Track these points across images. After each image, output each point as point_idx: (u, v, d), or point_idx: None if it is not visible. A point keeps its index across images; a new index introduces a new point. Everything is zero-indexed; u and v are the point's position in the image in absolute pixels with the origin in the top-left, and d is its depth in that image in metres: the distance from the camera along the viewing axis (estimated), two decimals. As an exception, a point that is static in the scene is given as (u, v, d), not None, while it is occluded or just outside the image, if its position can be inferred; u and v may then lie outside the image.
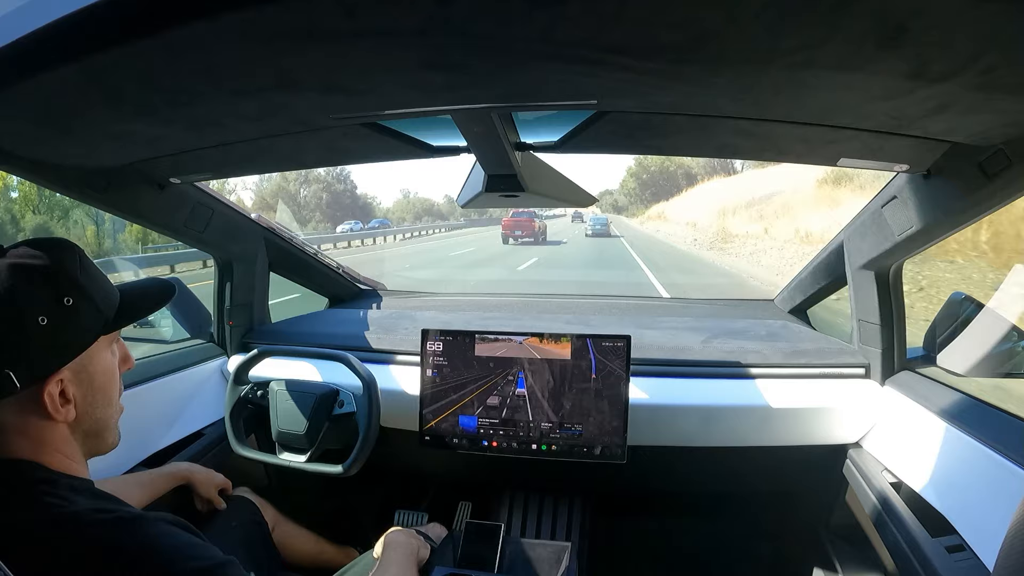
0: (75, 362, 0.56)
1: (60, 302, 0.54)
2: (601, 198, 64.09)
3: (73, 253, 0.57)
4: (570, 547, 1.01)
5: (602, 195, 64.83)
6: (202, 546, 0.57)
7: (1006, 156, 0.70)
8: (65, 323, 0.54)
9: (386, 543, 0.95)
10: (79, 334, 0.56)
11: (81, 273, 0.57)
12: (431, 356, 1.13)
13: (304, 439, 1.13)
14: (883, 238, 1.00)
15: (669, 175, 47.02)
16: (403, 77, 0.54)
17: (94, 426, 0.60)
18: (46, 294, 0.53)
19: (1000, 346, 0.97)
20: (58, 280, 0.54)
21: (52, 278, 0.54)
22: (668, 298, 1.86)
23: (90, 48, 0.42)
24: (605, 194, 65.95)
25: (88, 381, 0.58)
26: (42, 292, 0.53)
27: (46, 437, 0.56)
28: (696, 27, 0.42)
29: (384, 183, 54.66)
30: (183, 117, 0.65)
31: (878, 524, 0.96)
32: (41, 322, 0.52)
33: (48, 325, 0.53)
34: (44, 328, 0.52)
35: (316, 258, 1.65)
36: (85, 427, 0.59)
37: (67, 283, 0.55)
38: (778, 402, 1.09)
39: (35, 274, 0.53)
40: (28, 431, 0.55)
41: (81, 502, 0.53)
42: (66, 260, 0.56)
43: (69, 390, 0.56)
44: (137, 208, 1.05)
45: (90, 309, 0.57)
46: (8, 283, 0.51)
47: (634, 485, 1.37)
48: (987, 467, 0.80)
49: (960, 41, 0.43)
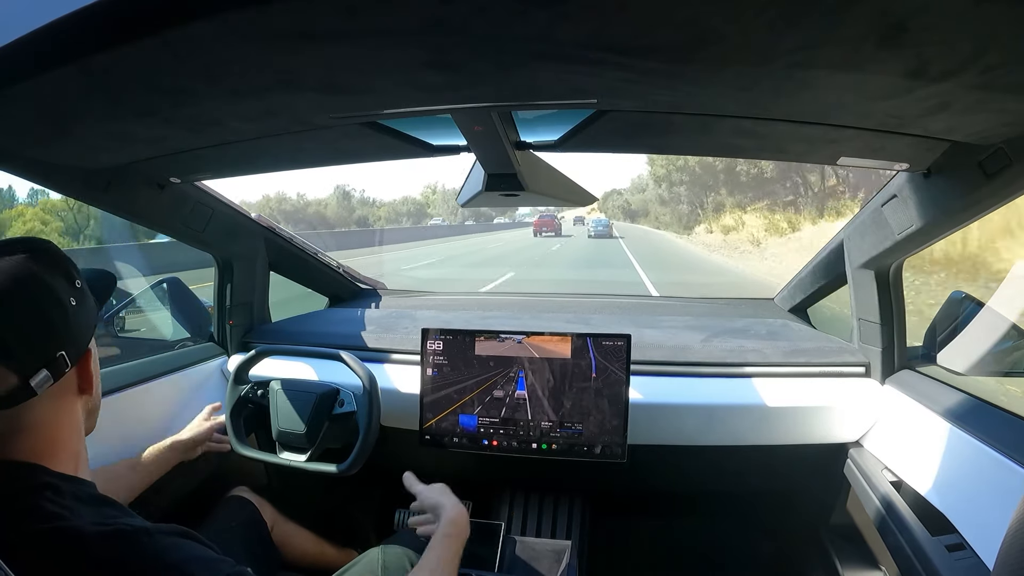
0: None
1: (74, 284, 0.58)
2: (606, 200, 57.62)
3: (47, 243, 0.60)
4: (570, 546, 1.01)
5: (608, 196, 58.11)
6: (210, 559, 0.56)
7: (1006, 155, 0.70)
8: (85, 302, 0.59)
9: (452, 519, 0.88)
10: (93, 312, 0.61)
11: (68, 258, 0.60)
12: (431, 355, 1.13)
13: (304, 438, 1.13)
14: (883, 237, 1.00)
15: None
16: (403, 77, 0.54)
17: (94, 404, 0.63)
18: (66, 278, 0.57)
19: (999, 345, 0.97)
20: (66, 266, 0.58)
21: (63, 264, 0.57)
22: (668, 297, 1.86)
23: (90, 48, 0.42)
24: (612, 194, 58.80)
25: (92, 358, 0.61)
26: (63, 277, 0.57)
27: (62, 423, 0.57)
28: (696, 27, 0.42)
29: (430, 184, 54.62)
30: (183, 117, 0.65)
31: (878, 523, 0.96)
32: (72, 303, 0.56)
33: (77, 305, 0.57)
34: (75, 308, 0.56)
35: (316, 258, 1.65)
36: (90, 405, 0.63)
37: (72, 268, 0.59)
38: (778, 401, 1.09)
39: (51, 261, 0.56)
40: (48, 420, 0.56)
41: (84, 512, 0.53)
42: (58, 250, 0.59)
43: (89, 366, 0.60)
44: (137, 208, 1.05)
45: (89, 291, 0.61)
46: (37, 272, 0.54)
47: (634, 484, 1.37)
48: (987, 466, 0.80)
49: (960, 41, 0.43)
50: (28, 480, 0.53)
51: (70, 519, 0.51)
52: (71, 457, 0.58)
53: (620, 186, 65.47)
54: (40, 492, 0.52)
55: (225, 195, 1.23)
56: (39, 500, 0.52)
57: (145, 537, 0.53)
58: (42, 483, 0.53)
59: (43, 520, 0.51)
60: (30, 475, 0.53)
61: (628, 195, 54.38)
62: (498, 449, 1.11)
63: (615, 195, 59.24)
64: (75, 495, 0.54)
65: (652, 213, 37.94)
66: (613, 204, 56.64)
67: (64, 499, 0.53)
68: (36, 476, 0.54)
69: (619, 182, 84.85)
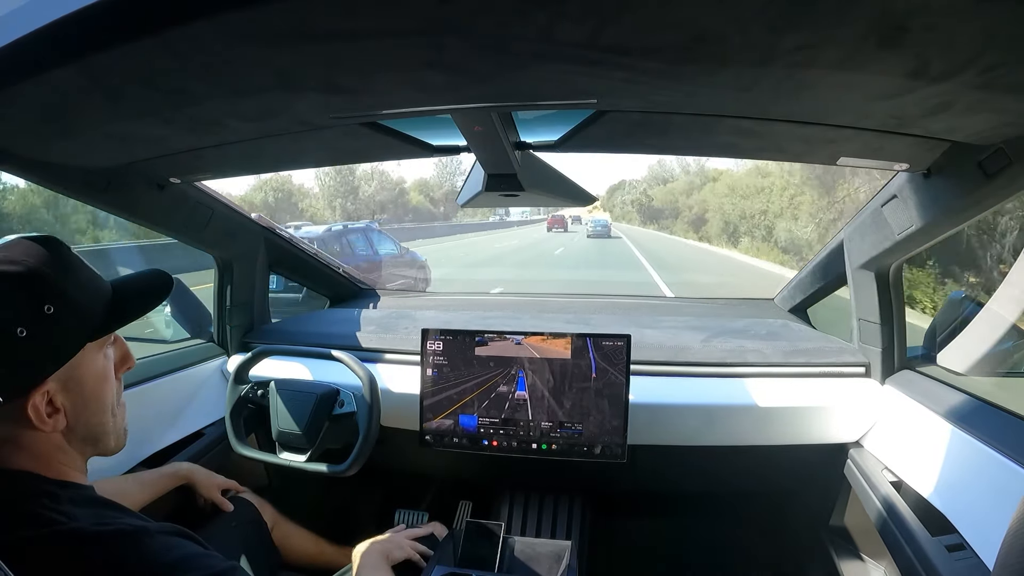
0: (62, 371, 0.53)
1: (40, 311, 0.50)
2: (613, 195, 47.03)
3: (56, 254, 0.54)
4: (570, 546, 1.01)
5: (615, 190, 45.05)
6: (204, 556, 0.56)
7: (1006, 155, 0.70)
8: (47, 332, 0.51)
9: (353, 558, 0.98)
10: (63, 343, 0.53)
11: (64, 277, 0.53)
12: (431, 356, 1.13)
13: (304, 438, 1.13)
14: (883, 237, 1.00)
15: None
16: (403, 77, 0.54)
17: (90, 432, 0.58)
18: (25, 303, 0.50)
19: (999, 345, 0.97)
20: (37, 287, 0.51)
21: (30, 285, 0.51)
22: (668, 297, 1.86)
23: (90, 48, 0.42)
24: (620, 188, 45.02)
25: (78, 388, 0.55)
26: (20, 301, 0.50)
27: (40, 448, 0.55)
28: (696, 27, 0.42)
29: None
30: (183, 117, 0.65)
31: (878, 523, 0.96)
32: (20, 334, 0.49)
33: (28, 337, 0.49)
34: (24, 340, 0.49)
35: (316, 258, 1.65)
36: (81, 434, 0.57)
37: (47, 290, 0.51)
38: (778, 401, 1.09)
39: (12, 282, 0.50)
40: (21, 441, 0.54)
41: (82, 516, 0.53)
42: (47, 264, 0.52)
43: (57, 400, 0.53)
44: (137, 208, 1.05)
45: (73, 316, 0.53)
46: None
47: (634, 485, 1.37)
48: (987, 466, 0.80)
49: (960, 41, 0.43)
50: (24, 488, 0.53)
51: (67, 523, 0.51)
52: (64, 469, 0.57)
53: (633, 176, 48.61)
54: (37, 499, 0.52)
55: (222, 193, 1.23)
56: (36, 507, 0.52)
57: (146, 537, 0.53)
58: (39, 490, 0.53)
59: (41, 525, 0.50)
60: (26, 483, 0.53)
61: (646, 186, 39.22)
62: (498, 449, 1.11)
63: (625, 189, 43.88)
64: (72, 499, 0.54)
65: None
66: (622, 200, 42.48)
67: (61, 504, 0.53)
68: (32, 484, 0.53)
69: (631, 171, 70.31)
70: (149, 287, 0.65)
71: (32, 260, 0.51)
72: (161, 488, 1.02)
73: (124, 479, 1.00)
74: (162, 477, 1.04)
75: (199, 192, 1.16)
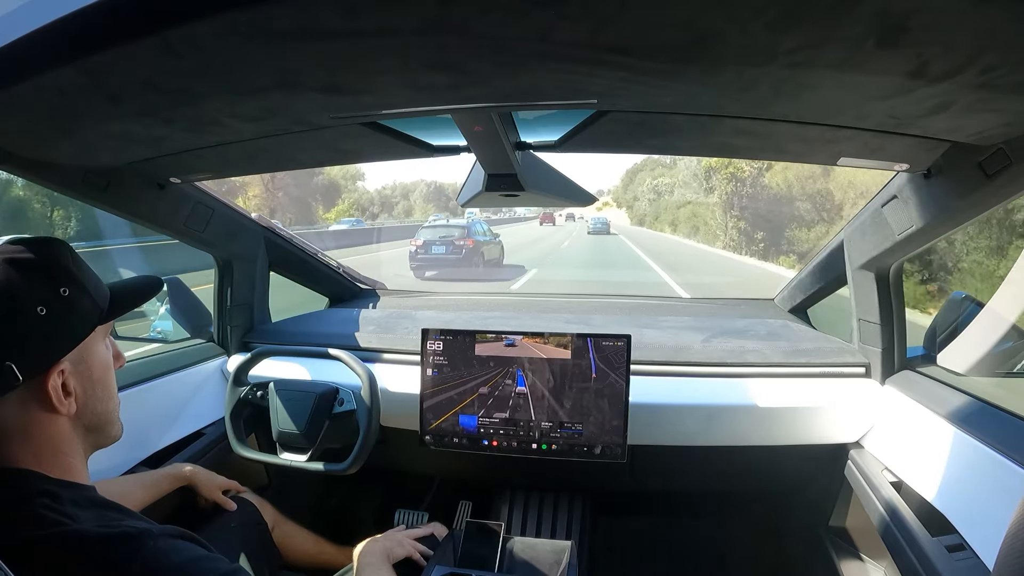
0: (73, 354, 0.57)
1: (57, 292, 0.55)
2: (632, 180, 43.91)
3: (64, 248, 0.58)
4: (570, 546, 1.01)
5: (634, 174, 41.81)
6: (209, 558, 0.56)
7: (1006, 155, 0.70)
8: (64, 313, 0.55)
9: (354, 557, 0.98)
10: (78, 324, 0.57)
11: (75, 265, 0.58)
12: (431, 356, 1.13)
13: (304, 438, 1.13)
14: (883, 237, 1.00)
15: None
16: (403, 77, 0.54)
17: (95, 420, 0.60)
18: (43, 285, 0.54)
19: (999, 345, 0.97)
20: (54, 271, 0.55)
21: (48, 269, 0.55)
22: (668, 297, 1.86)
23: (90, 48, 0.42)
24: (639, 174, 40.73)
25: (87, 373, 0.58)
26: (39, 283, 0.54)
27: (48, 434, 0.56)
28: (696, 27, 0.42)
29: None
30: (183, 117, 0.65)
31: (878, 523, 0.96)
32: (40, 312, 0.53)
33: (47, 315, 0.53)
34: (43, 318, 0.53)
35: (316, 258, 1.65)
36: (86, 421, 0.59)
37: (62, 274, 0.56)
38: (778, 401, 1.09)
39: (32, 265, 0.54)
40: (30, 429, 0.55)
41: (84, 517, 0.53)
42: (60, 253, 0.57)
43: (70, 383, 0.56)
44: (137, 208, 1.05)
45: (86, 299, 0.58)
46: (4, 276, 0.52)
47: (634, 485, 1.37)
48: (987, 466, 0.80)
49: (960, 41, 0.43)
50: (25, 487, 0.53)
51: (71, 524, 0.51)
52: (68, 465, 0.57)
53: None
54: (38, 499, 0.52)
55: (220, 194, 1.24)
56: (37, 508, 0.51)
57: (150, 540, 0.53)
58: (39, 490, 0.53)
59: (44, 526, 0.50)
60: (26, 482, 0.53)
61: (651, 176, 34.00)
62: (498, 449, 1.11)
63: (642, 176, 36.94)
64: (73, 501, 0.54)
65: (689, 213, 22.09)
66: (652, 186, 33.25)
67: (63, 505, 0.53)
68: (33, 483, 0.53)
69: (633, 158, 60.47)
70: (143, 285, 0.71)
71: (47, 250, 0.56)
72: (162, 489, 1.02)
73: (126, 480, 1.00)
74: (163, 478, 1.04)
75: (199, 192, 1.16)
